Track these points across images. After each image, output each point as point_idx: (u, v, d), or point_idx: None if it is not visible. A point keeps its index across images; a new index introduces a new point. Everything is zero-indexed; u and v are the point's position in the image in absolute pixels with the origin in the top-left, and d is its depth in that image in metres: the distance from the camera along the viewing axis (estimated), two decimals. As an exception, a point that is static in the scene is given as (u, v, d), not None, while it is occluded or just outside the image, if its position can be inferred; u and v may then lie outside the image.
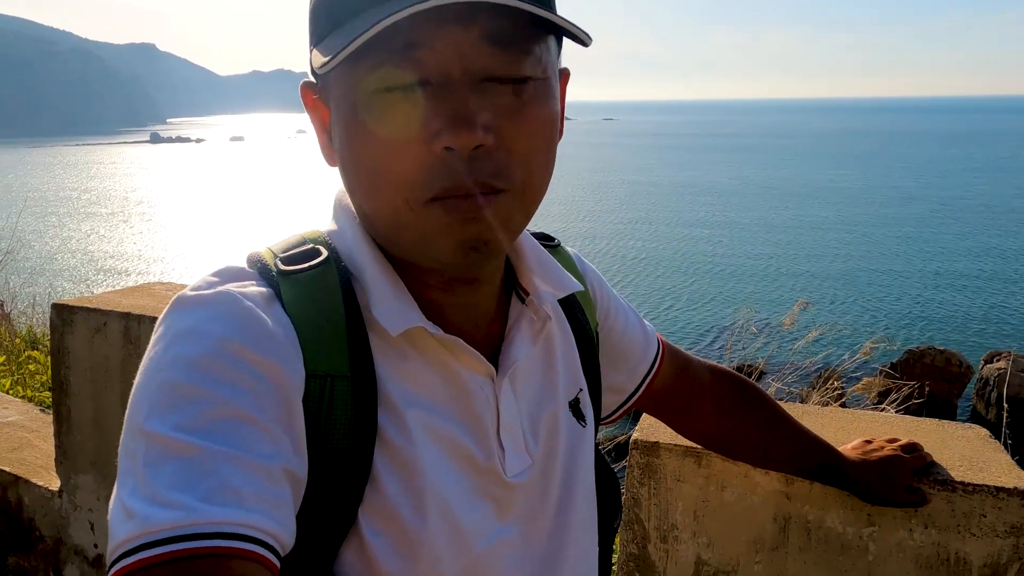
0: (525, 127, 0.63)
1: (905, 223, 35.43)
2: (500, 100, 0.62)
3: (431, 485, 0.68)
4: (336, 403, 0.65)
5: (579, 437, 0.83)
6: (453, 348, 0.71)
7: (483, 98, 0.61)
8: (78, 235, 34.83)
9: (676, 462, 1.37)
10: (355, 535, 0.66)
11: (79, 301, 2.08)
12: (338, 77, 0.64)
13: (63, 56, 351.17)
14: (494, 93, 0.61)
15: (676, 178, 56.61)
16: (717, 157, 77.00)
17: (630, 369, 1.00)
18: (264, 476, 0.57)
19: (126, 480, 0.56)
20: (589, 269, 0.96)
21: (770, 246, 30.09)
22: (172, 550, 0.51)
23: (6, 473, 2.33)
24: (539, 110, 0.64)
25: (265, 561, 0.54)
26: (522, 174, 0.64)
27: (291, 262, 0.70)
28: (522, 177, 0.64)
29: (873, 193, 46.06)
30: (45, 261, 26.32)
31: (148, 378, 0.59)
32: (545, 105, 0.65)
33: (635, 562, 1.43)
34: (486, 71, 0.61)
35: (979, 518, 1.21)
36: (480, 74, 0.61)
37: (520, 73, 0.62)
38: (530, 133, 0.63)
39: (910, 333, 18.58)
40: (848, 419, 1.47)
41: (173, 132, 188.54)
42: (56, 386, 2.14)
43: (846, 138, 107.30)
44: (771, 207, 40.59)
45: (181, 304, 0.63)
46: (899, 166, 63.79)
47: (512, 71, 0.62)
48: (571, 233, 31.97)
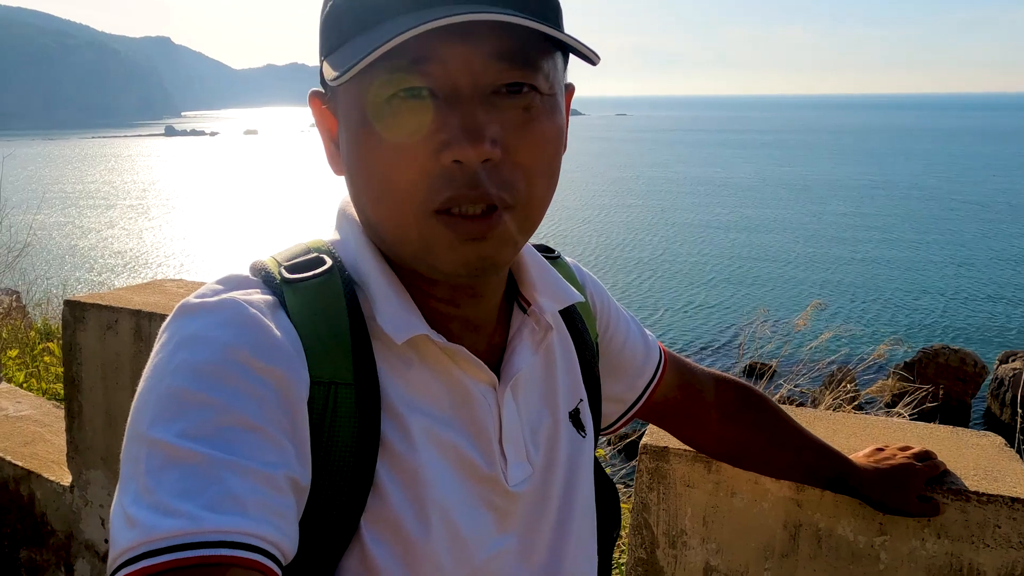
0: (532, 141, 0.64)
1: (924, 221, 35.12)
2: (508, 115, 0.63)
3: (433, 493, 0.68)
4: (340, 411, 0.65)
5: (579, 447, 0.83)
6: (456, 357, 0.71)
7: (491, 112, 0.62)
8: (95, 228, 35.13)
9: (686, 467, 1.36)
10: (357, 543, 0.66)
11: (91, 298, 2.09)
12: (347, 87, 0.65)
13: (80, 49, 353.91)
14: (502, 107, 0.62)
15: (693, 174, 56.36)
16: (733, 153, 76.61)
17: (631, 379, 0.99)
18: (268, 485, 0.56)
19: (128, 487, 0.56)
20: (589, 280, 0.96)
21: (786, 244, 29.90)
22: (175, 559, 0.51)
23: (19, 467, 2.35)
24: (546, 125, 0.65)
25: (267, 570, 0.54)
26: (527, 188, 0.65)
27: (295, 270, 0.70)
28: (527, 191, 0.65)
29: (892, 191, 45.68)
30: (61, 254, 26.57)
31: (152, 384, 0.59)
32: (551, 120, 0.66)
33: (643, 567, 1.42)
34: (495, 86, 0.62)
35: (993, 528, 1.19)
36: (488, 88, 0.62)
37: (528, 87, 0.63)
38: (536, 147, 0.64)
39: (925, 332, 18.43)
40: (860, 425, 1.45)
41: (187, 125, 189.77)
42: (68, 382, 2.15)
43: (865, 135, 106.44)
44: (788, 204, 40.33)
45: (185, 311, 0.63)
46: (919, 163, 63.24)
47: (520, 86, 0.63)
48: (585, 232, 31.93)
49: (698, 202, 41.91)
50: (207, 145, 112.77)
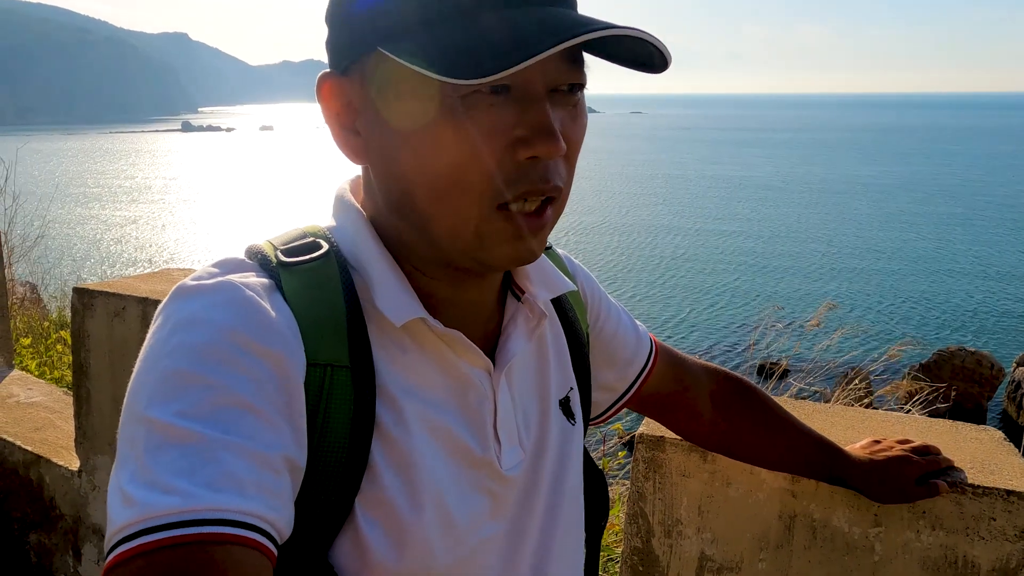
0: (577, 136, 0.67)
1: (943, 221, 34.77)
2: (564, 110, 0.65)
3: (427, 477, 0.68)
4: (336, 392, 0.65)
5: (568, 435, 0.83)
6: (452, 342, 0.72)
7: (556, 109, 0.64)
8: (114, 222, 35.46)
9: (681, 457, 1.36)
10: (351, 525, 0.66)
11: (99, 285, 2.12)
12: (398, 76, 0.63)
13: (99, 45, 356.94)
14: (560, 102, 0.65)
15: (709, 173, 56.10)
16: (750, 152, 76.13)
17: (622, 368, 1.00)
18: (264, 465, 0.57)
19: (125, 466, 0.56)
20: (580, 271, 0.97)
21: (802, 243, 29.71)
22: (171, 536, 0.51)
23: (29, 452, 2.39)
24: (584, 118, 0.69)
25: (263, 548, 0.54)
26: (569, 179, 0.69)
27: (292, 254, 0.70)
28: (569, 181, 0.69)
29: (910, 190, 45.26)
30: (79, 247, 26.84)
31: (149, 365, 0.59)
32: (585, 113, 0.69)
33: (639, 556, 1.42)
34: (556, 82, 0.64)
35: (988, 521, 1.19)
36: (552, 85, 0.64)
37: (580, 84, 0.66)
38: (579, 141, 0.68)
39: (941, 333, 18.26)
40: (858, 418, 1.45)
41: (204, 121, 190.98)
42: (76, 368, 2.18)
43: (884, 134, 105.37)
44: (807, 204, 40.03)
45: (182, 293, 0.63)
46: (938, 163, 62.56)
47: (577, 86, 0.66)
48: (604, 228, 31.87)
49: (714, 200, 41.72)
50: (223, 141, 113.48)
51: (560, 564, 0.80)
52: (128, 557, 0.51)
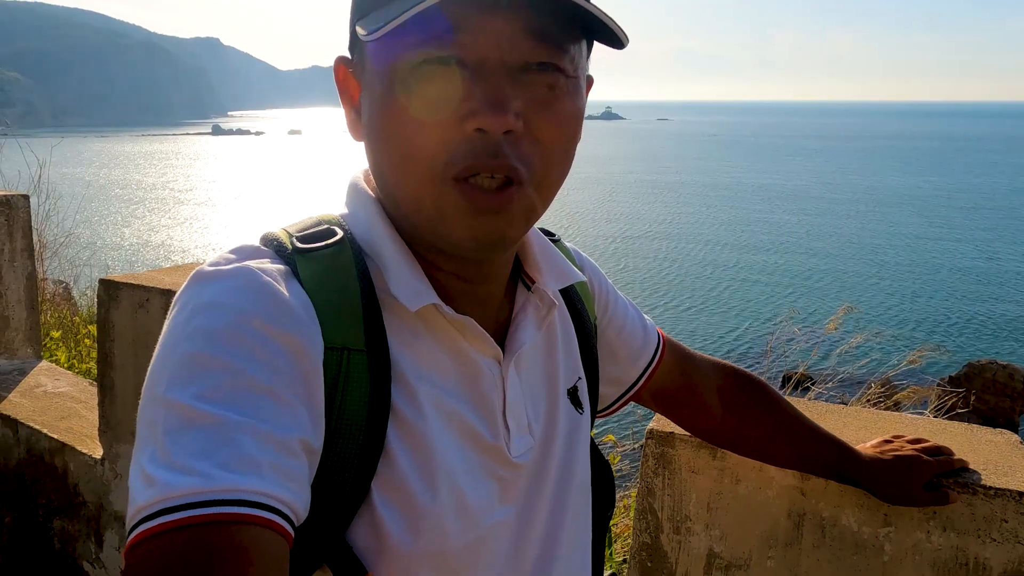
0: (553, 120, 0.65)
1: (974, 229, 34.17)
2: (533, 91, 0.64)
3: (441, 460, 0.69)
4: (352, 376, 0.66)
5: (576, 424, 0.84)
6: (463, 329, 0.73)
7: (517, 87, 0.63)
8: (148, 224, 36.05)
9: (691, 453, 1.36)
10: (367, 507, 0.67)
11: (124, 277, 2.17)
12: (376, 52, 0.66)
13: (133, 49, 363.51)
14: (528, 84, 0.64)
15: (734, 180, 55.65)
16: (779, 159, 75.36)
17: (629, 361, 1.00)
18: (282, 447, 0.58)
19: (145, 447, 0.57)
20: (588, 263, 0.98)
21: (833, 253, 29.35)
22: (191, 515, 0.52)
23: (54, 440, 2.44)
24: (567, 105, 0.67)
25: (280, 529, 0.55)
26: (543, 165, 0.66)
27: (307, 240, 0.71)
28: (543, 169, 0.66)
29: (946, 199, 44.52)
30: (110, 246, 27.30)
31: (169, 349, 0.60)
32: (573, 102, 0.67)
33: (647, 551, 1.42)
34: (523, 62, 0.63)
35: (1000, 523, 1.18)
36: (517, 64, 0.63)
37: (554, 67, 0.64)
38: (556, 126, 0.66)
39: (972, 343, 17.91)
40: (871, 419, 1.44)
41: (234, 124, 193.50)
42: (101, 359, 2.23)
43: (923, 141, 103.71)
44: (853, 215, 39.46)
45: (200, 278, 0.65)
46: (981, 173, 61.41)
47: (547, 65, 0.64)
48: (628, 235, 31.73)
49: (736, 206, 41.35)
50: (252, 144, 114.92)
51: (568, 549, 0.80)
52: (149, 536, 0.53)
